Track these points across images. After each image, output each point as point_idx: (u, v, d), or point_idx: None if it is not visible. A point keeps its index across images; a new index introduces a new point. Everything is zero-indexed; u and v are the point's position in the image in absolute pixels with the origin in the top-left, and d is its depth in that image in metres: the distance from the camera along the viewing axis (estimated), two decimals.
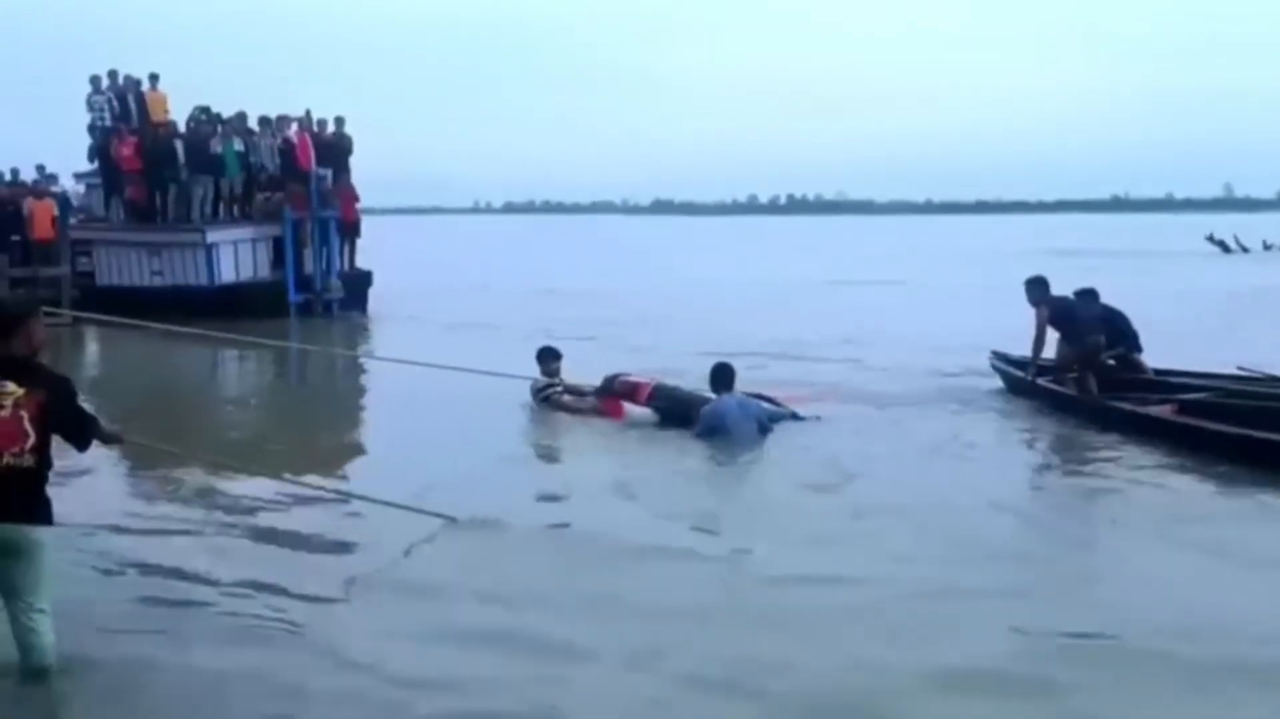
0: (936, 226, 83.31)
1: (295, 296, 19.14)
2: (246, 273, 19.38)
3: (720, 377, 8.98)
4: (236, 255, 19.28)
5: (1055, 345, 10.20)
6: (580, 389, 10.14)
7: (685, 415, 9.09)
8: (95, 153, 20.59)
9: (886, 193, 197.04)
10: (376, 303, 20.23)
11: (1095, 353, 9.86)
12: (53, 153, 22.22)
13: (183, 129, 19.77)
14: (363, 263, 20.87)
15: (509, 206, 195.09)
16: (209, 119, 19.82)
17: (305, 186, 19.32)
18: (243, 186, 19.67)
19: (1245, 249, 41.39)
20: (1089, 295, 10.24)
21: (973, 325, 14.63)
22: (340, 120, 20.39)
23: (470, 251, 44.74)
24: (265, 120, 19.72)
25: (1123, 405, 9.24)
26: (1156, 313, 13.12)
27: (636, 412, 9.70)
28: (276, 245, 19.45)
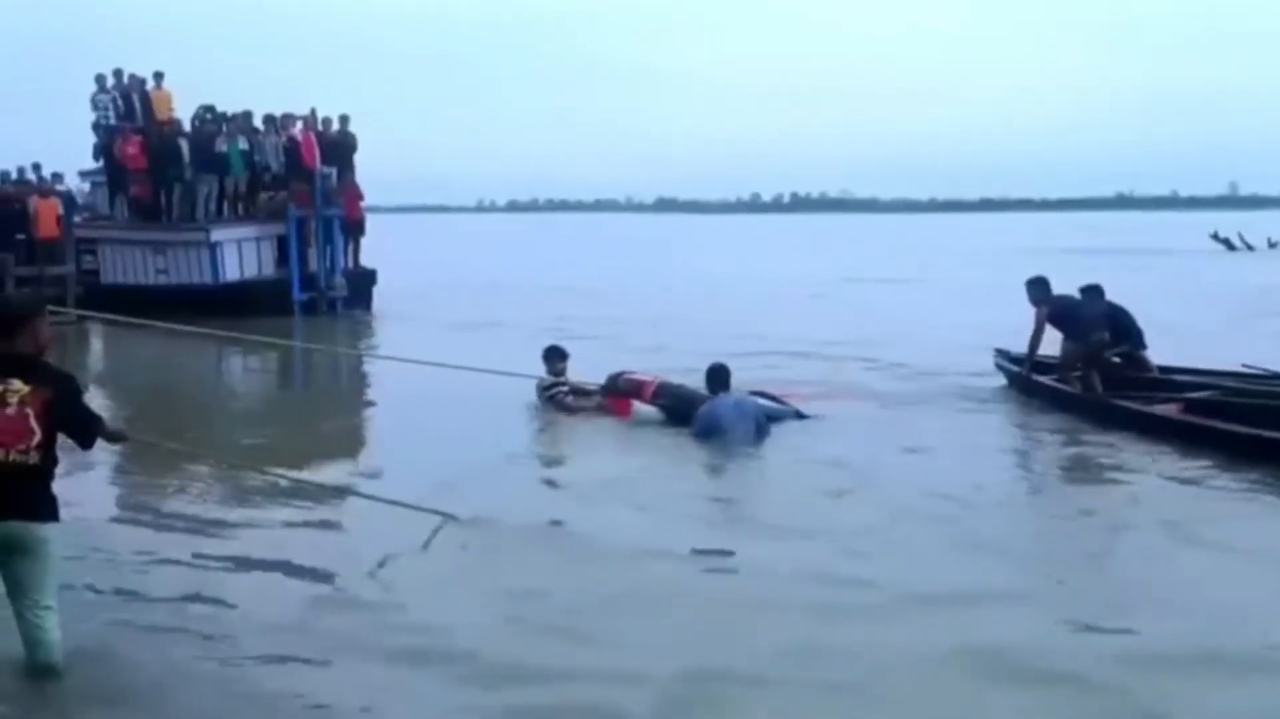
0: (940, 224, 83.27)
1: (300, 295, 19.16)
2: (251, 271, 19.40)
3: (716, 377, 8.98)
4: (241, 254, 19.30)
5: (1060, 344, 10.21)
6: (585, 388, 10.15)
7: (689, 414, 9.07)
8: (100, 151, 20.63)
9: (890, 191, 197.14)
10: (381, 301, 20.24)
11: (1099, 350, 9.85)
12: (58, 151, 22.29)
13: (188, 128, 19.81)
14: (367, 261, 20.90)
15: (513, 205, 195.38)
16: (214, 118, 19.85)
17: (310, 185, 19.34)
18: (247, 185, 19.70)
19: (1250, 247, 41.35)
20: (1095, 292, 10.23)
21: (979, 323, 14.59)
22: (345, 119, 20.42)
23: (474, 250, 44.77)
24: (270, 119, 19.75)
25: (1128, 404, 9.23)
26: (1161, 311, 13.12)
27: (641, 410, 9.71)
28: (281, 244, 19.47)
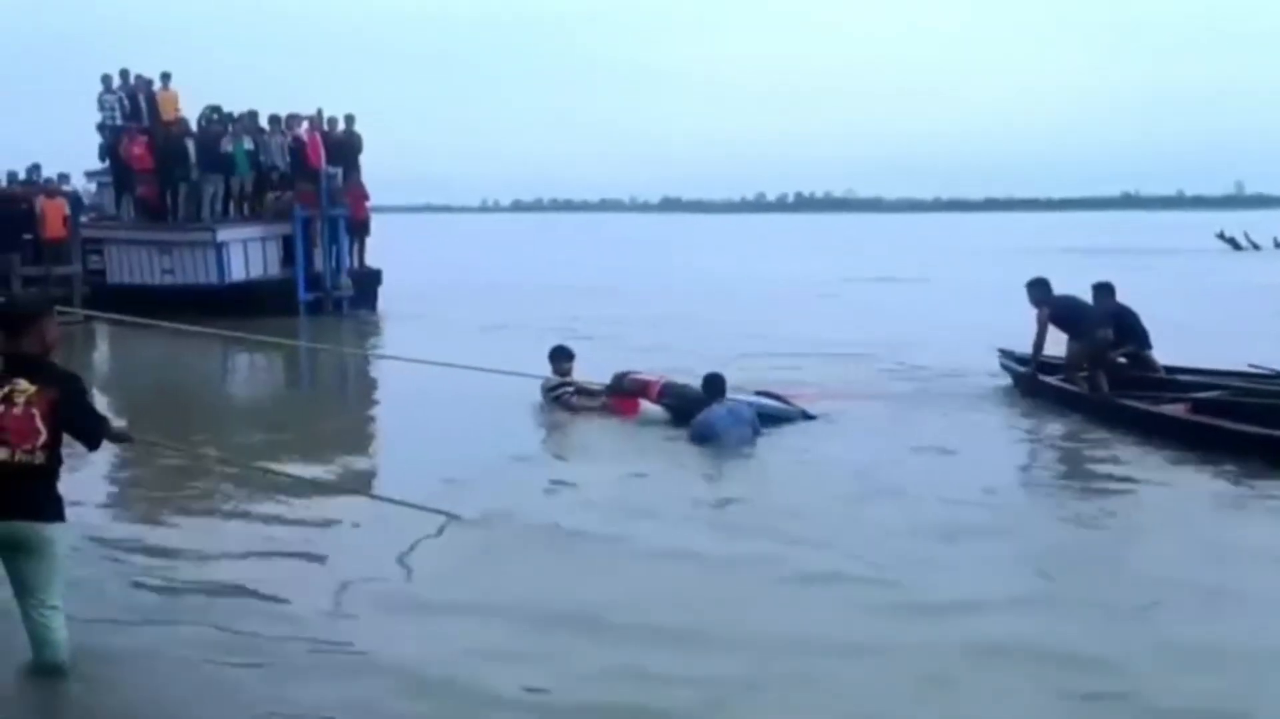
0: (946, 224, 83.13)
1: (305, 295, 19.17)
2: (257, 271, 19.41)
3: (711, 386, 9.02)
4: (247, 254, 19.30)
5: (1065, 345, 10.19)
6: (591, 388, 10.15)
7: (695, 414, 9.08)
8: (106, 151, 20.64)
9: (894, 190, 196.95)
10: (386, 301, 20.25)
11: (1104, 347, 9.82)
12: (65, 152, 22.32)
13: (194, 128, 19.83)
14: (372, 261, 20.90)
15: (517, 205, 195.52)
16: (220, 118, 19.87)
17: (315, 185, 19.36)
18: (253, 185, 19.72)
19: (1256, 246, 41.28)
20: (1105, 290, 10.22)
21: (983, 323, 14.56)
22: (350, 119, 20.44)
23: (479, 250, 44.78)
24: (275, 119, 19.77)
25: (1135, 404, 9.20)
26: (1167, 311, 13.10)
27: (646, 409, 9.71)
28: (286, 244, 19.48)
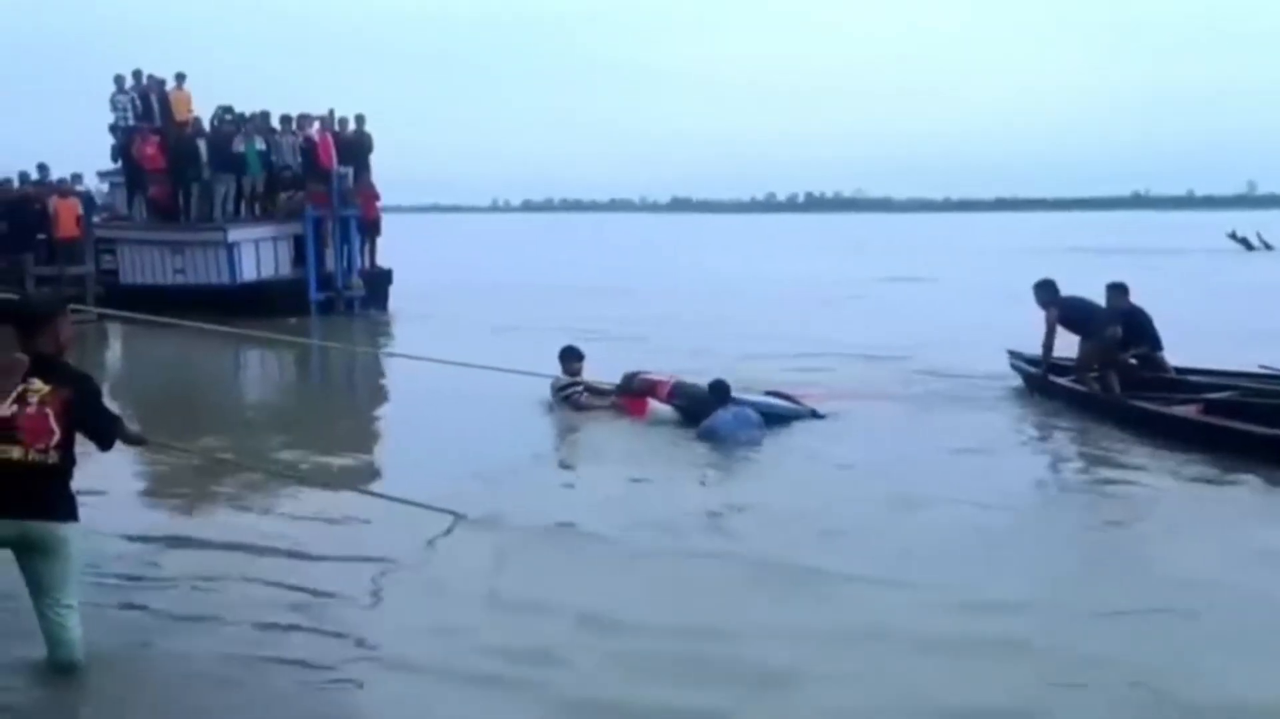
0: (956, 224, 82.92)
1: (316, 294, 19.21)
2: (268, 271, 19.47)
3: (717, 392, 9.07)
4: (258, 254, 19.37)
5: (1077, 346, 10.16)
6: (601, 388, 10.17)
7: (704, 414, 9.11)
8: (118, 152, 20.73)
9: (904, 190, 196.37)
10: (397, 301, 20.29)
11: (1114, 345, 9.79)
12: (77, 152, 22.42)
13: (206, 128, 19.90)
14: (383, 261, 20.94)
15: (527, 205, 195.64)
16: (232, 119, 19.93)
17: (326, 185, 19.41)
18: (265, 185, 19.77)
19: (1268, 246, 41.06)
20: (1118, 290, 10.19)
21: (993, 323, 14.51)
22: (361, 119, 20.47)
23: (490, 250, 44.83)
24: (287, 119, 19.82)
25: (1147, 405, 9.18)
26: (1178, 311, 13.04)
27: (656, 410, 9.73)
28: (298, 244, 19.54)
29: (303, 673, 4.52)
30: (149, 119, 20.38)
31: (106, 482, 6.99)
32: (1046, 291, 10.16)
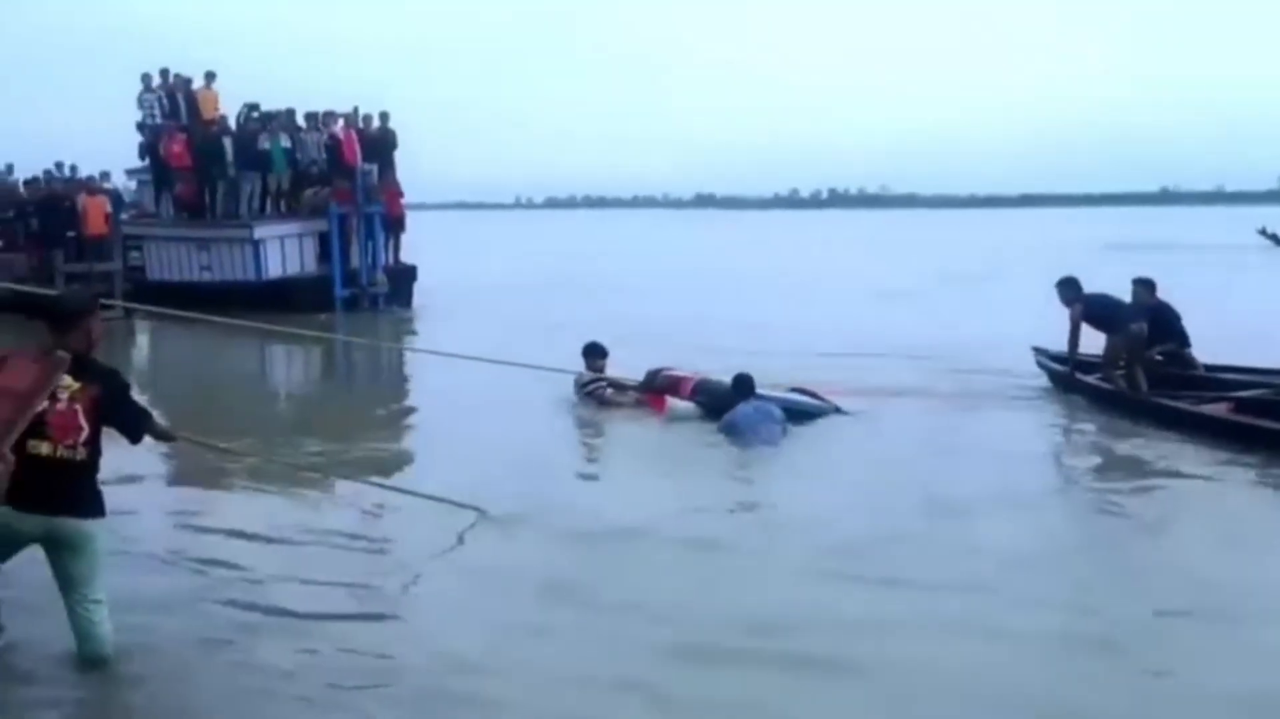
0: (983, 220, 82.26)
1: (341, 291, 19.29)
2: (293, 268, 19.58)
3: (741, 386, 9.06)
4: (284, 250, 19.48)
5: (1103, 343, 10.07)
6: (624, 384, 10.18)
7: (727, 409, 9.10)
8: (145, 150, 20.90)
9: (929, 186, 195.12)
10: (421, 297, 20.36)
11: (1139, 340, 9.70)
12: (107, 150, 22.60)
13: (232, 126, 20.03)
14: (407, 258, 21.00)
15: (550, 202, 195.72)
16: (258, 116, 20.05)
17: (351, 182, 19.50)
18: (290, 182, 19.88)
19: None
20: (1145, 285, 10.09)
21: (1020, 320, 14.36)
22: (385, 116, 20.52)
23: (513, 247, 44.89)
24: (312, 116, 19.92)
25: (1176, 403, 9.10)
26: (1206, 307, 12.88)
27: (675, 406, 9.72)
28: (323, 240, 19.63)
29: (323, 666, 4.55)
30: (175, 117, 20.52)
31: (135, 476, 7.09)
32: (1070, 289, 10.08)
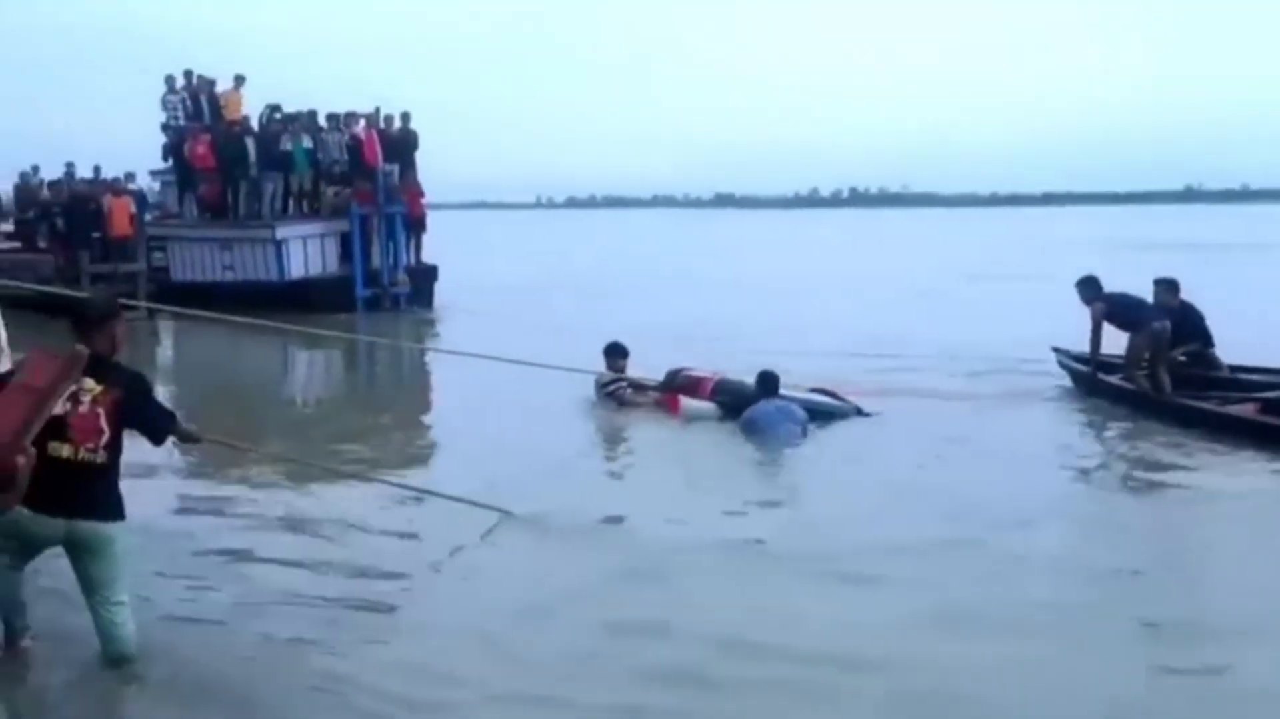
0: (1005, 219, 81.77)
1: (363, 291, 19.36)
2: (315, 268, 19.66)
3: (765, 383, 9.04)
4: (306, 251, 19.56)
5: (1125, 342, 9.99)
6: (645, 384, 10.17)
7: (747, 408, 9.09)
8: (169, 151, 21.03)
9: (950, 185, 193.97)
10: (442, 297, 20.40)
11: (1163, 339, 9.62)
12: (135, 151, 22.74)
13: (255, 127, 20.14)
14: (428, 258, 21.04)
15: (571, 201, 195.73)
16: (280, 118, 20.15)
17: (372, 182, 19.57)
18: (312, 183, 19.97)
19: None
20: (1167, 286, 10.00)
21: (1044, 320, 14.27)
22: (406, 116, 20.56)
23: (534, 247, 44.94)
24: (333, 117, 20.00)
25: (1202, 404, 9.02)
26: (1230, 307, 12.75)
27: (690, 406, 9.71)
28: (344, 241, 19.71)
29: (344, 667, 4.57)
30: (199, 119, 20.65)
31: (157, 477, 7.15)
32: (1090, 288, 10.01)
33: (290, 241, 19.42)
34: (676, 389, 9.91)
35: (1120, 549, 6.22)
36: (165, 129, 20.96)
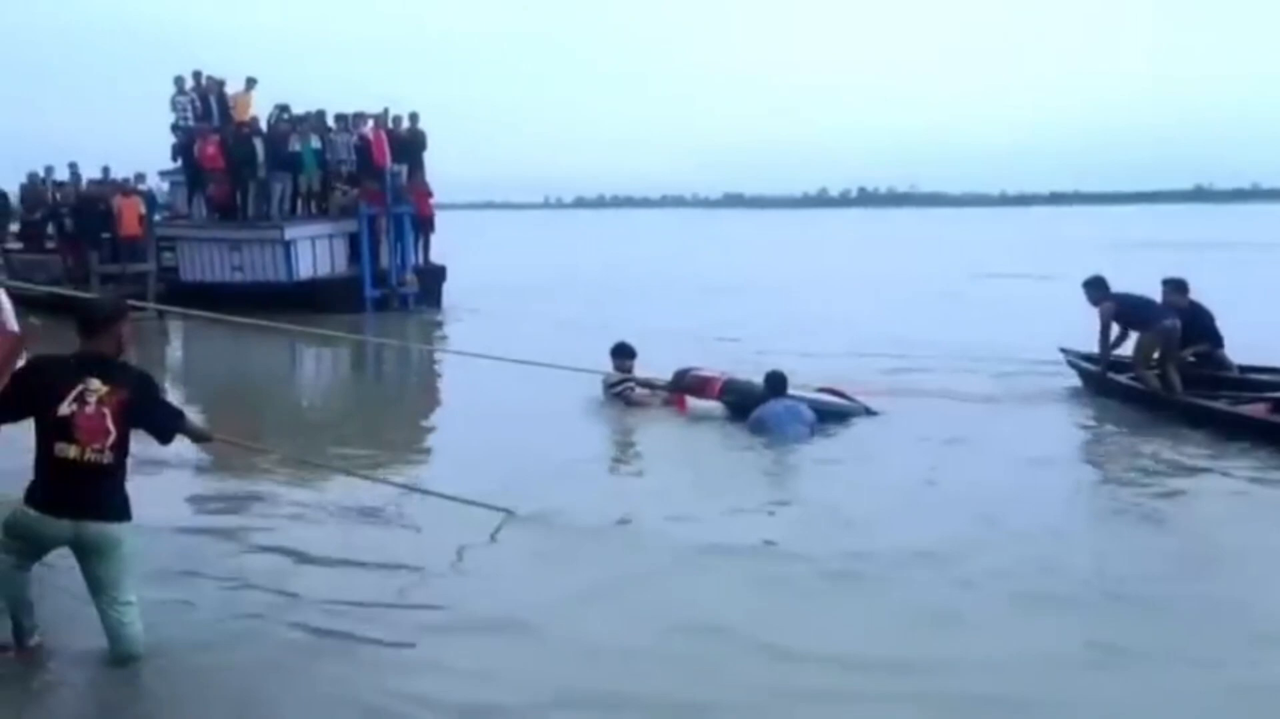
0: (1014, 219, 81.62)
1: (371, 291, 19.39)
2: (324, 268, 19.68)
3: (773, 383, 9.04)
4: (314, 251, 19.58)
5: (1134, 341, 9.95)
6: (653, 383, 10.17)
7: (755, 408, 9.08)
8: (178, 151, 21.08)
9: (958, 185, 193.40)
10: (450, 297, 20.41)
11: (1173, 337, 9.58)
12: (146, 151, 22.80)
13: (263, 127, 20.17)
14: (436, 258, 21.05)
15: (579, 201, 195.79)
16: (288, 118, 20.19)
17: (380, 183, 19.58)
18: (320, 183, 20.00)
19: None
20: (1176, 287, 9.96)
21: (1053, 320, 14.24)
22: (414, 116, 20.60)
23: (543, 247, 44.97)
24: (342, 118, 20.02)
25: (1212, 404, 8.98)
26: (1240, 307, 12.70)
27: (705, 406, 9.70)
28: (353, 241, 19.73)
29: (351, 667, 4.57)
30: (208, 119, 20.70)
31: (165, 475, 7.16)
32: (1097, 289, 9.99)
33: (299, 242, 19.45)
34: (684, 389, 9.90)
35: (1132, 549, 6.19)
36: (174, 129, 21.01)
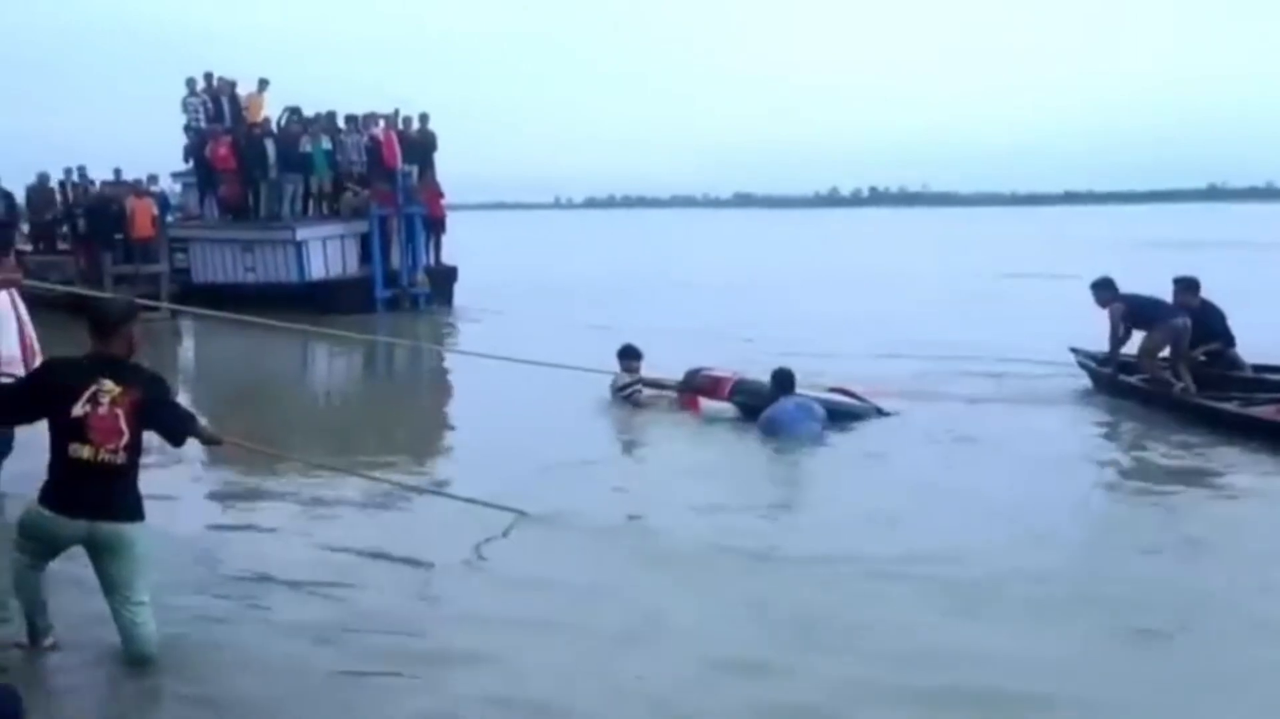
0: (1027, 218, 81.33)
1: (382, 292, 19.43)
2: (335, 269, 19.75)
3: (780, 381, 9.00)
4: (326, 252, 19.65)
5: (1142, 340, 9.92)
6: (662, 382, 10.17)
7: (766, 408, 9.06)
8: (190, 153, 21.17)
9: (969, 184, 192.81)
10: (461, 298, 20.45)
11: (1183, 335, 9.53)
12: (159, 153, 22.90)
13: (274, 129, 20.23)
14: (447, 258, 21.09)
15: (590, 202, 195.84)
16: (299, 119, 20.25)
17: (391, 183, 19.63)
18: (331, 184, 20.05)
19: None
20: (1186, 286, 9.91)
21: (1066, 320, 14.18)
22: (425, 117, 20.66)
23: (553, 248, 45.01)
24: (352, 119, 20.08)
25: (1224, 406, 8.93)
26: (1254, 306, 12.65)
27: (715, 406, 9.69)
28: (364, 242, 19.78)
29: (361, 669, 4.56)
30: (220, 121, 20.78)
31: (180, 477, 7.19)
32: (1105, 290, 9.96)
33: (310, 243, 19.51)
34: (695, 389, 9.89)
35: (1144, 549, 6.17)
36: (187, 131, 21.10)
